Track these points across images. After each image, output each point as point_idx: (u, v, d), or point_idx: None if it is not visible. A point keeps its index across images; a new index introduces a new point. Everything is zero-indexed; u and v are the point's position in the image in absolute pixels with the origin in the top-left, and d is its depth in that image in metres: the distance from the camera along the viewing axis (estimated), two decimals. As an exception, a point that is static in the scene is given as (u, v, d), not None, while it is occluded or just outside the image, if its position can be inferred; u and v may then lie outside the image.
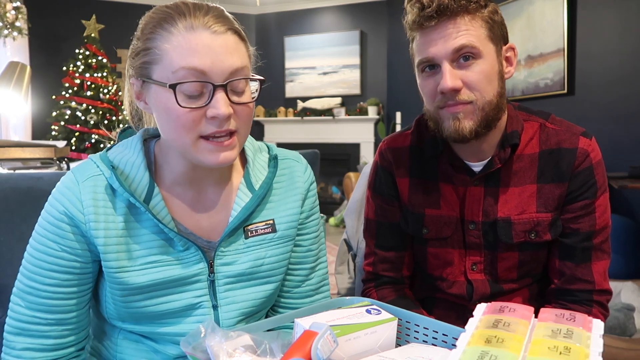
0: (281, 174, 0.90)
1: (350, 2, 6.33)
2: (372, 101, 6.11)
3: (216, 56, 0.72)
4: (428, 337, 0.71)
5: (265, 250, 0.86)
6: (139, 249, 0.79)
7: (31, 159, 2.62)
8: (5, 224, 1.01)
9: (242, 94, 0.77)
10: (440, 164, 1.05)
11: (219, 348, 0.58)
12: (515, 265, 1.03)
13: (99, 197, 0.77)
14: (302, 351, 0.57)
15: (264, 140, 7.20)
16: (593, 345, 0.50)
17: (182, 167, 0.82)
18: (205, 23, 0.73)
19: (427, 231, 1.06)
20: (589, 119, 3.22)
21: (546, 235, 1.00)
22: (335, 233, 5.22)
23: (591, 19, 3.39)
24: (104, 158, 0.81)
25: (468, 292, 1.05)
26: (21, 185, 1.04)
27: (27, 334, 0.78)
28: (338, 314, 0.70)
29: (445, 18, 0.90)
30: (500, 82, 0.95)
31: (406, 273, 1.13)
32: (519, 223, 1.00)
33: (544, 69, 3.74)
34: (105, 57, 5.30)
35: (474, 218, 1.02)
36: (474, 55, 0.91)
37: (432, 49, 0.92)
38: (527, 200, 1.00)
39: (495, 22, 0.94)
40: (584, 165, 0.98)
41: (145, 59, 0.75)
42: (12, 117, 4.99)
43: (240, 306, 0.84)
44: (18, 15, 4.30)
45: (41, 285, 0.78)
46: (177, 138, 0.75)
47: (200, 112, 0.73)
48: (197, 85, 0.72)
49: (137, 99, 0.80)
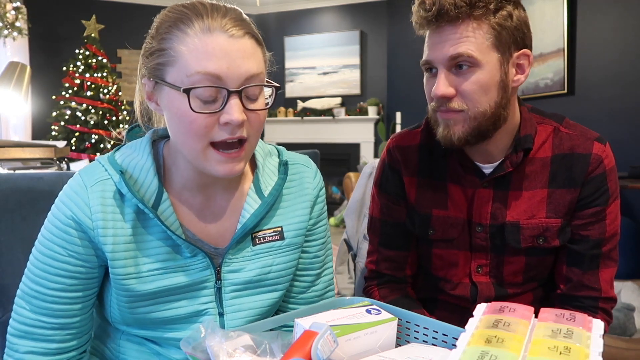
0: (291, 180, 0.89)
1: (350, 2, 6.33)
2: (372, 101, 6.11)
3: (232, 61, 0.70)
4: (428, 337, 0.71)
5: (273, 257, 0.84)
6: (146, 256, 0.77)
7: (31, 159, 2.62)
8: (5, 224, 1.01)
9: (256, 100, 0.75)
10: (450, 164, 1.03)
11: (219, 348, 0.58)
12: (521, 270, 1.02)
13: (107, 203, 0.76)
14: (302, 351, 0.57)
15: (264, 140, 7.26)
16: (593, 345, 0.50)
17: (190, 171, 0.80)
18: (222, 26, 0.71)
19: (433, 232, 1.05)
20: (589, 119, 3.22)
21: (554, 241, 0.98)
22: (335, 233, 5.22)
23: (591, 19, 3.39)
24: (112, 161, 0.79)
25: (472, 294, 1.04)
26: (21, 185, 1.04)
27: (31, 337, 0.78)
28: (338, 314, 0.70)
29: (445, 23, 0.88)
30: (501, 91, 0.91)
31: (409, 272, 1.12)
32: (528, 228, 0.98)
33: (544, 69, 3.74)
34: (105, 57, 5.29)
35: (481, 220, 1.01)
36: (470, 64, 0.88)
37: (431, 52, 0.91)
38: (537, 205, 0.99)
39: (505, 28, 0.89)
40: (597, 171, 0.96)
41: (160, 60, 0.73)
42: (12, 117, 4.98)
43: (246, 314, 0.83)
44: (18, 15, 4.30)
45: (46, 289, 0.77)
46: (188, 143, 0.73)
47: (213, 118, 0.71)
48: (211, 90, 0.70)
49: (149, 100, 0.78)
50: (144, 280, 0.77)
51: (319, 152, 2.54)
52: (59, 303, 0.78)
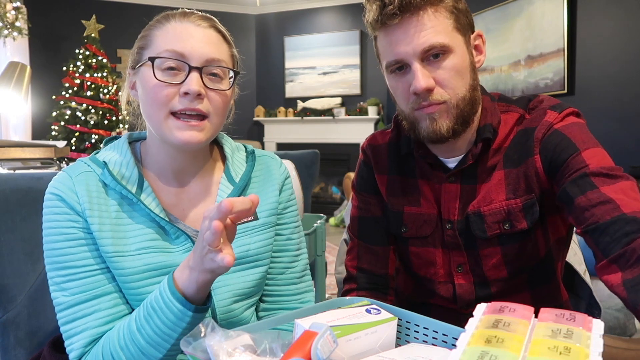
0: (258, 168, 0.97)
1: (350, 2, 6.33)
2: (372, 101, 6.11)
3: (196, 42, 0.82)
4: (428, 337, 0.71)
5: (250, 237, 0.90)
6: (133, 236, 0.82)
7: (31, 159, 2.62)
8: (5, 224, 1.01)
9: (219, 82, 0.84)
10: (418, 161, 1.02)
11: (219, 348, 0.58)
12: (501, 262, 0.96)
13: (92, 189, 0.82)
14: (302, 351, 0.57)
15: (264, 140, 7.14)
16: (593, 345, 0.50)
17: (163, 157, 0.88)
18: (192, 19, 0.85)
19: (406, 229, 1.03)
20: (589, 119, 3.21)
21: (521, 224, 0.92)
22: (335, 233, 5.22)
23: (591, 19, 3.39)
24: (94, 158, 0.86)
25: (453, 296, 1.01)
26: (21, 185, 1.04)
27: (80, 316, 0.79)
28: (338, 314, 0.70)
29: (409, 15, 0.85)
30: (472, 73, 0.91)
31: (390, 272, 1.08)
32: (490, 214, 0.94)
33: (544, 69, 3.74)
34: (105, 57, 5.30)
35: (450, 217, 0.98)
36: (444, 52, 0.87)
37: (400, 49, 0.87)
38: (496, 189, 0.94)
39: (460, 11, 0.89)
40: (548, 134, 0.89)
41: (139, 43, 0.85)
42: (12, 117, 4.99)
43: (233, 288, 0.87)
44: (18, 15, 4.31)
45: (74, 269, 0.79)
46: (153, 114, 0.82)
47: (174, 89, 0.80)
48: (174, 62, 0.80)
49: (131, 88, 0.88)
50: (133, 257, 0.81)
51: (319, 152, 2.54)
52: (89, 276, 0.80)
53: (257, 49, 6.96)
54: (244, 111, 6.13)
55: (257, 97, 6.87)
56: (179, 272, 0.74)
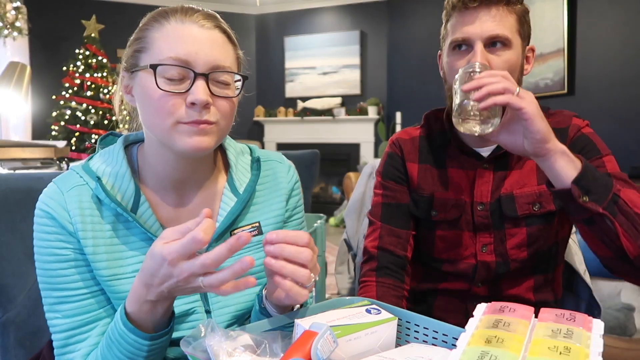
0: (264, 176, 0.91)
1: (350, 2, 6.33)
2: (372, 101, 6.11)
3: (201, 47, 0.75)
4: (428, 337, 0.71)
5: (253, 253, 0.85)
6: (129, 256, 0.78)
7: (31, 159, 2.62)
8: (5, 224, 1.01)
9: (225, 88, 0.78)
10: (449, 151, 1.12)
11: (219, 348, 0.58)
12: (524, 242, 1.06)
13: (84, 206, 0.76)
14: (302, 351, 0.57)
15: (264, 140, 7.10)
16: (593, 345, 0.50)
17: (164, 166, 0.81)
18: (195, 18, 0.77)
19: (435, 213, 1.11)
20: (589, 119, 3.22)
21: (550, 206, 1.04)
22: (335, 233, 5.22)
23: (591, 19, 3.39)
24: (87, 169, 0.80)
25: (473, 271, 1.08)
26: (21, 185, 1.04)
27: (73, 341, 0.76)
28: (338, 314, 0.70)
29: (485, 5, 0.97)
30: (519, 75, 1.02)
31: (409, 255, 1.14)
32: (522, 196, 1.05)
33: (544, 69, 3.74)
34: (105, 57, 5.30)
35: (482, 199, 1.07)
36: (504, 44, 0.98)
37: (470, 30, 0.98)
38: (528, 175, 1.06)
39: (525, 21, 1.02)
40: (577, 135, 1.04)
41: (136, 46, 0.78)
42: (12, 117, 4.99)
43: (233, 309, 0.84)
44: (18, 15, 4.30)
45: (67, 291, 0.76)
46: (157, 123, 0.75)
47: (180, 98, 0.74)
48: (178, 70, 0.74)
49: (126, 92, 0.81)
50: (130, 280, 0.76)
51: (319, 152, 2.54)
52: (84, 299, 0.77)
53: (257, 49, 6.96)
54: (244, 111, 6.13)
55: (257, 97, 6.87)
56: (129, 302, 0.69)
